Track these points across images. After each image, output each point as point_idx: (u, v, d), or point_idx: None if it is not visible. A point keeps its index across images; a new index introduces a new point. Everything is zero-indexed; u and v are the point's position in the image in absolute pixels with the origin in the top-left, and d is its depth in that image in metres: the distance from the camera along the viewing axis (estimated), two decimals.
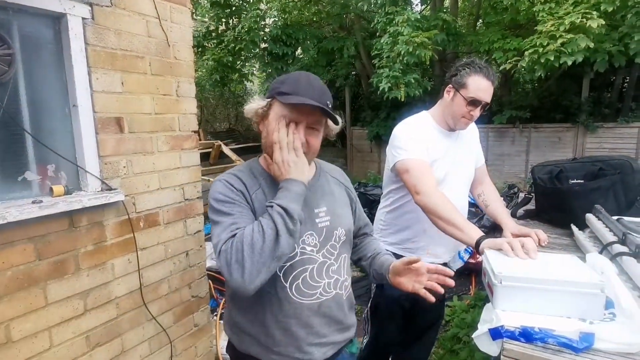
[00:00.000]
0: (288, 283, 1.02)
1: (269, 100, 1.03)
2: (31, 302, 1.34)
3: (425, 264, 1.06)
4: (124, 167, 1.61)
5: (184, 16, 1.83)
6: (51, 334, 1.40)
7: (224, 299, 2.82)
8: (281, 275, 1.01)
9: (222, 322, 2.52)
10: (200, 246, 2.03)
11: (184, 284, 1.93)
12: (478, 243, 1.30)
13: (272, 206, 0.92)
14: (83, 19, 1.44)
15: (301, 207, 0.94)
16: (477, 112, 1.54)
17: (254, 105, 1.05)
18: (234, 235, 0.91)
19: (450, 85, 1.58)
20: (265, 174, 1.08)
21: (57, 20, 1.41)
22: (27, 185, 1.38)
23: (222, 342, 2.39)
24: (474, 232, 1.34)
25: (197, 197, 1.98)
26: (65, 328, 1.44)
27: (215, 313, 2.71)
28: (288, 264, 1.01)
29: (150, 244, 1.74)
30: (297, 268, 1.02)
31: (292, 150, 0.97)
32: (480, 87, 1.50)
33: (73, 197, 1.42)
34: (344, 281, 1.12)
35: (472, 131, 1.78)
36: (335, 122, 1.05)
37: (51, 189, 1.39)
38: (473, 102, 1.51)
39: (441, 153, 1.61)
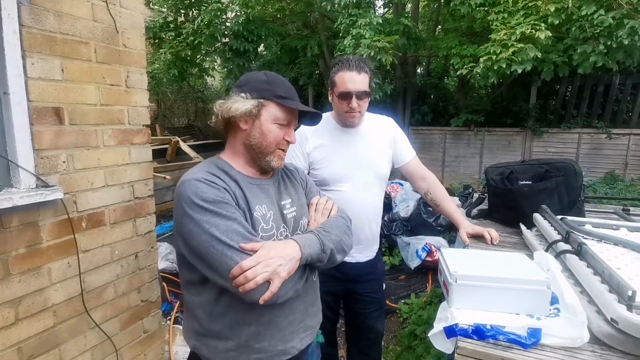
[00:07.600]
0: None
1: (261, 100, 1.05)
2: None
3: None
4: (64, 162, 1.47)
5: (135, 1, 1.71)
6: None
7: (178, 302, 2.69)
8: None
9: (175, 326, 2.40)
10: (152, 247, 1.91)
11: (133, 288, 1.81)
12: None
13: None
14: None
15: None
16: (354, 104, 1.56)
17: (241, 104, 1.04)
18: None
19: (330, 88, 1.65)
20: (238, 173, 1.08)
21: None
22: None
23: (176, 347, 2.27)
24: None
25: (149, 196, 1.86)
26: None
27: (169, 317, 2.57)
28: None
29: (94, 246, 1.61)
30: None
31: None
32: (345, 79, 1.55)
33: (2, 194, 1.27)
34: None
35: (384, 128, 1.77)
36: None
37: None
38: (343, 96, 1.56)
39: (338, 147, 1.65)
